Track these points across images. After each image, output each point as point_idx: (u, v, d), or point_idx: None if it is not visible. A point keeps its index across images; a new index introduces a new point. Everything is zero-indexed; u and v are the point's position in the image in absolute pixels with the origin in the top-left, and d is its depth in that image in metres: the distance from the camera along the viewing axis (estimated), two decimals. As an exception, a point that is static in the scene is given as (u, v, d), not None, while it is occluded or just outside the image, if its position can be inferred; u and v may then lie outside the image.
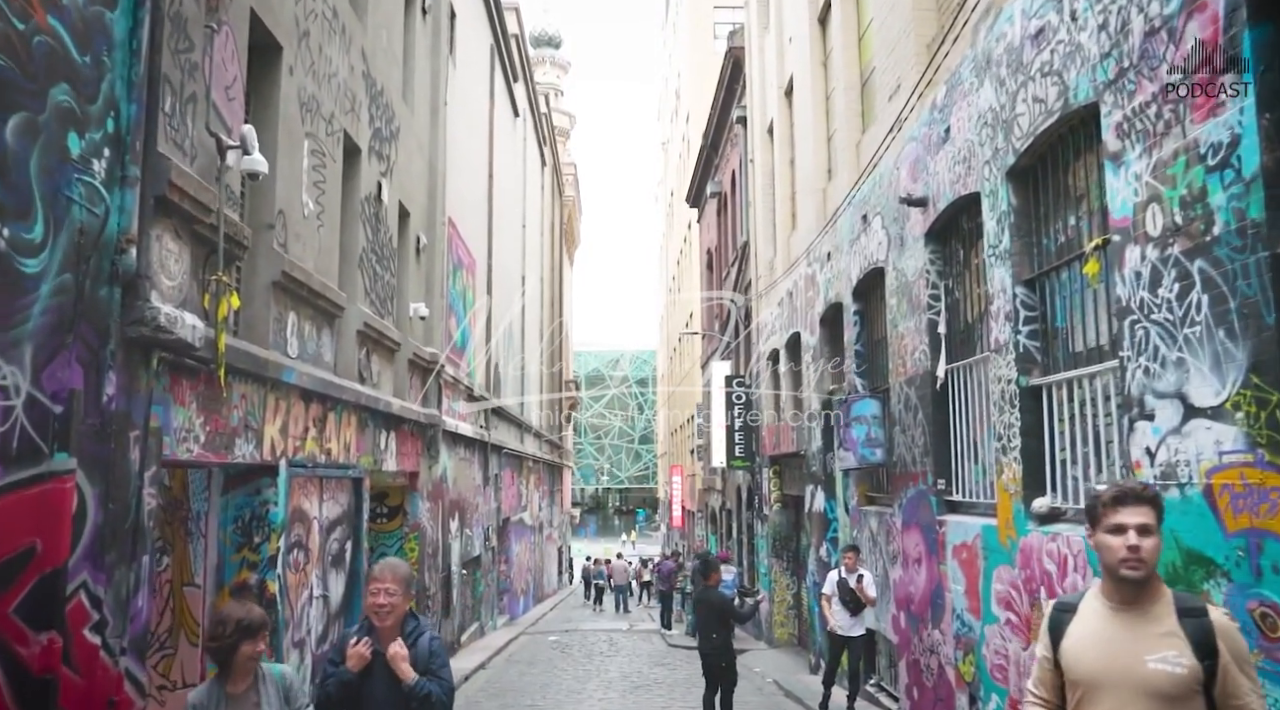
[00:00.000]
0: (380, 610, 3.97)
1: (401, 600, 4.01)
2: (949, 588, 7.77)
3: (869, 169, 10.31)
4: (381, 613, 3.97)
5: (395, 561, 4.17)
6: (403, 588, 4.02)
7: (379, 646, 3.97)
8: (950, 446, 8.13)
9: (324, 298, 8.46)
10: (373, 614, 4.00)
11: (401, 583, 4.02)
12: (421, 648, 4.01)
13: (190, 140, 5.73)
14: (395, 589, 3.98)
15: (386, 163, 11.09)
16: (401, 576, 4.04)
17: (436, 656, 4.03)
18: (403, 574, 4.07)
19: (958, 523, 7.66)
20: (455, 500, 15.76)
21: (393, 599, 3.97)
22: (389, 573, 4.02)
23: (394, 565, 4.10)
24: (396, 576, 4.02)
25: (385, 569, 4.05)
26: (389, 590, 3.97)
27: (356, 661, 3.92)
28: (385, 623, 3.97)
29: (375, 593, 3.98)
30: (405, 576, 4.07)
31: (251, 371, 6.80)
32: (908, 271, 8.90)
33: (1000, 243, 6.76)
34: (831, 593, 9.65)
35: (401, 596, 4.00)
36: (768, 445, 17.12)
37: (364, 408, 9.93)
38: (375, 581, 4.00)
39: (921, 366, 8.53)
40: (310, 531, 8.54)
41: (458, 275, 16.20)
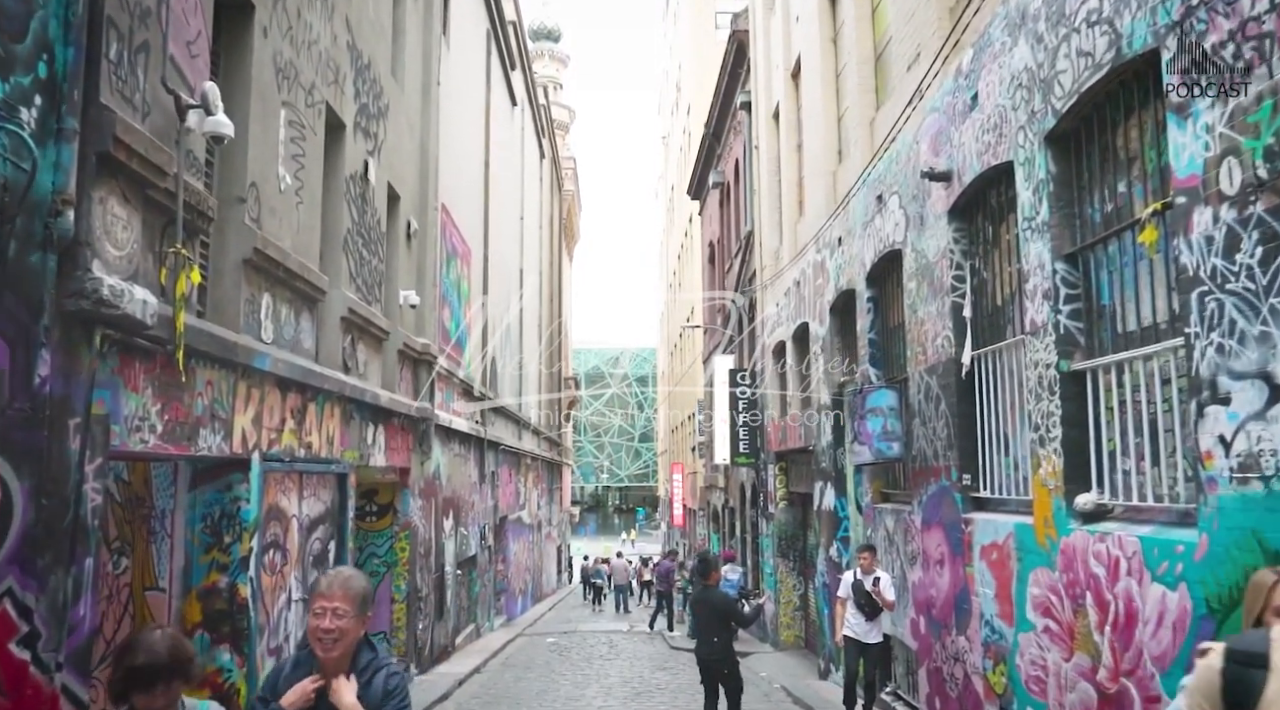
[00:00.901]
0: (325, 637, 3.06)
1: (354, 624, 3.09)
2: (976, 591, 7.19)
3: (884, 147, 9.73)
4: (327, 640, 3.06)
5: (348, 573, 3.26)
6: (356, 607, 3.09)
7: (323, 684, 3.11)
8: (977, 439, 7.55)
9: (303, 279, 7.87)
10: (316, 641, 3.08)
11: (354, 601, 3.09)
12: (376, 688, 3.09)
13: (142, 95, 5.14)
14: (346, 609, 3.07)
15: (374, 141, 10.50)
16: (355, 593, 3.11)
17: (394, 699, 3.11)
18: (357, 590, 3.13)
19: (986, 521, 7.08)
20: (449, 498, 15.18)
21: (341, 622, 3.06)
22: (339, 588, 3.10)
23: (346, 578, 3.18)
24: (349, 593, 3.10)
25: (334, 583, 3.12)
26: (337, 611, 3.06)
27: (298, 699, 3.06)
28: (331, 653, 3.07)
29: (320, 613, 3.06)
30: (359, 593, 3.13)
31: (218, 356, 6.22)
32: (928, 252, 8.32)
33: (1037, 215, 6.17)
34: (846, 596, 9.04)
35: (354, 619, 3.09)
36: (773, 441, 16.54)
37: (349, 399, 9.35)
38: (321, 598, 3.08)
39: (944, 353, 7.95)
40: (288, 531, 7.96)
41: (452, 264, 15.62)
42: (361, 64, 9.96)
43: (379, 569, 12.12)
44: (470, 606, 17.77)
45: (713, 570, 8.70)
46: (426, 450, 13.02)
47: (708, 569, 8.72)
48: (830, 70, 12.57)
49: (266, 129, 7.21)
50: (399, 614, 12.07)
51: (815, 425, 13.02)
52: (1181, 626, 4.51)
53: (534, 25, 57.87)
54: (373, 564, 12.12)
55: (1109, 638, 5.20)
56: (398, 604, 12.08)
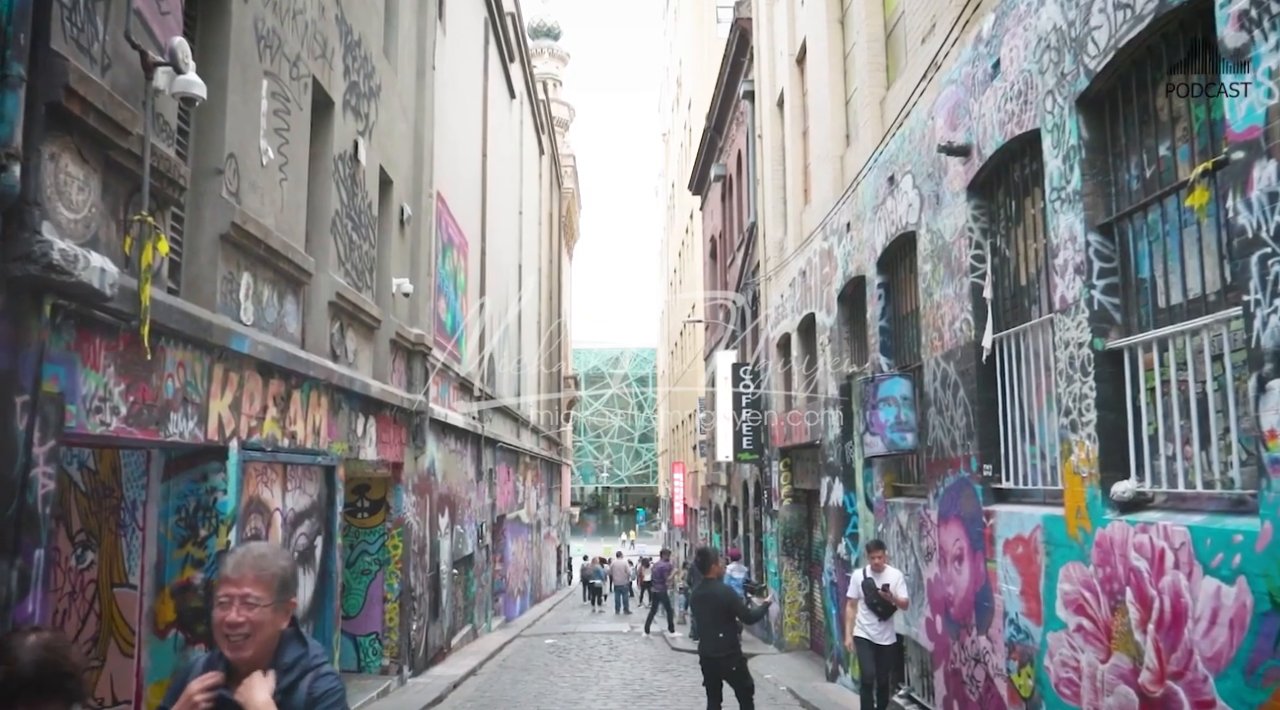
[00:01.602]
0: (233, 632, 2.39)
1: (271, 614, 2.42)
2: (999, 588, 6.77)
3: (896, 125, 9.32)
4: (235, 636, 2.39)
5: (260, 551, 2.53)
6: (272, 594, 2.42)
7: (228, 690, 2.40)
8: (999, 427, 7.13)
9: (287, 260, 7.46)
10: (222, 638, 2.42)
11: (269, 586, 2.43)
12: (300, 693, 2.43)
13: (101, 46, 4.73)
14: (259, 596, 2.40)
15: (365, 121, 10.09)
16: (270, 577, 2.44)
17: (323, 705, 2.44)
18: (272, 572, 2.45)
19: (1010, 513, 6.67)
20: (445, 495, 14.76)
21: (253, 613, 2.39)
22: (249, 571, 2.43)
23: (257, 558, 2.48)
24: (261, 576, 2.42)
25: (243, 564, 2.45)
26: (248, 598, 2.39)
27: (183, 706, 2.38)
28: (242, 652, 2.40)
29: (225, 603, 2.40)
30: (276, 576, 2.45)
31: (191, 335, 5.81)
32: (945, 232, 7.91)
33: (1067, 184, 5.76)
34: (856, 596, 8.59)
35: (270, 608, 2.42)
36: (778, 436, 16.12)
37: (337, 388, 8.94)
38: (227, 584, 2.42)
39: (963, 337, 7.54)
40: (271, 524, 7.55)
41: (448, 254, 15.21)
42: (351, 40, 9.55)
43: (371, 567, 11.71)
44: (467, 607, 17.35)
45: (713, 563, 8.23)
46: (420, 445, 12.60)
47: (707, 562, 8.26)
48: (837, 52, 12.17)
49: (247, 99, 6.80)
50: (391, 614, 11.66)
51: (822, 419, 12.60)
52: (1240, 624, 4.10)
53: (534, 23, 57.53)
54: (364, 562, 11.72)
55: (1153, 637, 4.79)
56: (390, 603, 11.67)
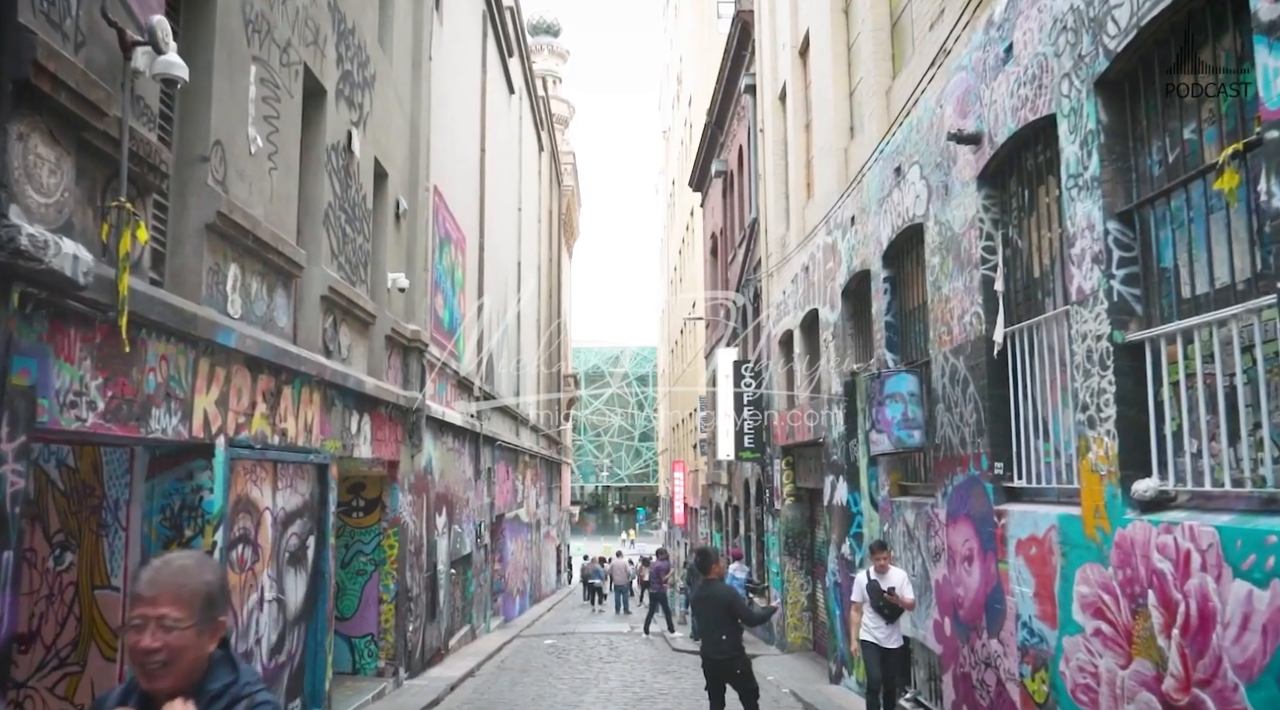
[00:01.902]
0: (149, 660, 2.00)
1: (191, 638, 2.03)
2: (1011, 590, 6.55)
3: (903, 115, 9.10)
4: (151, 664, 2.00)
5: (180, 563, 2.12)
6: (194, 613, 2.03)
7: None
8: (1011, 423, 6.91)
9: (276, 252, 7.24)
10: (136, 667, 2.04)
11: (190, 605, 2.03)
12: None
13: (75, 22, 4.51)
14: (178, 617, 2.01)
15: (359, 112, 9.87)
16: (191, 594, 2.05)
17: None
18: (194, 589, 2.06)
19: (1023, 513, 6.45)
20: (442, 494, 14.54)
21: (171, 636, 2.00)
22: (166, 588, 2.04)
23: (176, 573, 2.07)
24: (181, 594, 2.03)
25: (158, 581, 2.05)
26: (164, 620, 2.01)
27: None
28: (159, 683, 2.02)
29: (139, 626, 2.01)
30: (199, 593, 2.06)
31: (175, 328, 5.59)
32: (954, 223, 7.69)
33: (1085, 170, 5.54)
34: (861, 600, 8.36)
35: (193, 631, 2.03)
36: (780, 435, 15.91)
37: (330, 384, 8.72)
38: (140, 604, 2.03)
39: (973, 331, 7.32)
40: (260, 524, 7.33)
41: (445, 250, 14.98)
42: (345, 28, 9.33)
43: (366, 567, 11.50)
44: (465, 607, 17.13)
45: (713, 563, 7.99)
46: (417, 443, 12.39)
47: (708, 563, 8.02)
48: (841, 42, 11.94)
49: (234, 85, 6.58)
50: (387, 615, 11.44)
51: (825, 416, 12.39)
52: (1274, 630, 3.88)
53: (533, 19, 57.30)
54: (360, 562, 11.50)
55: (1178, 642, 4.57)
56: (386, 604, 11.45)
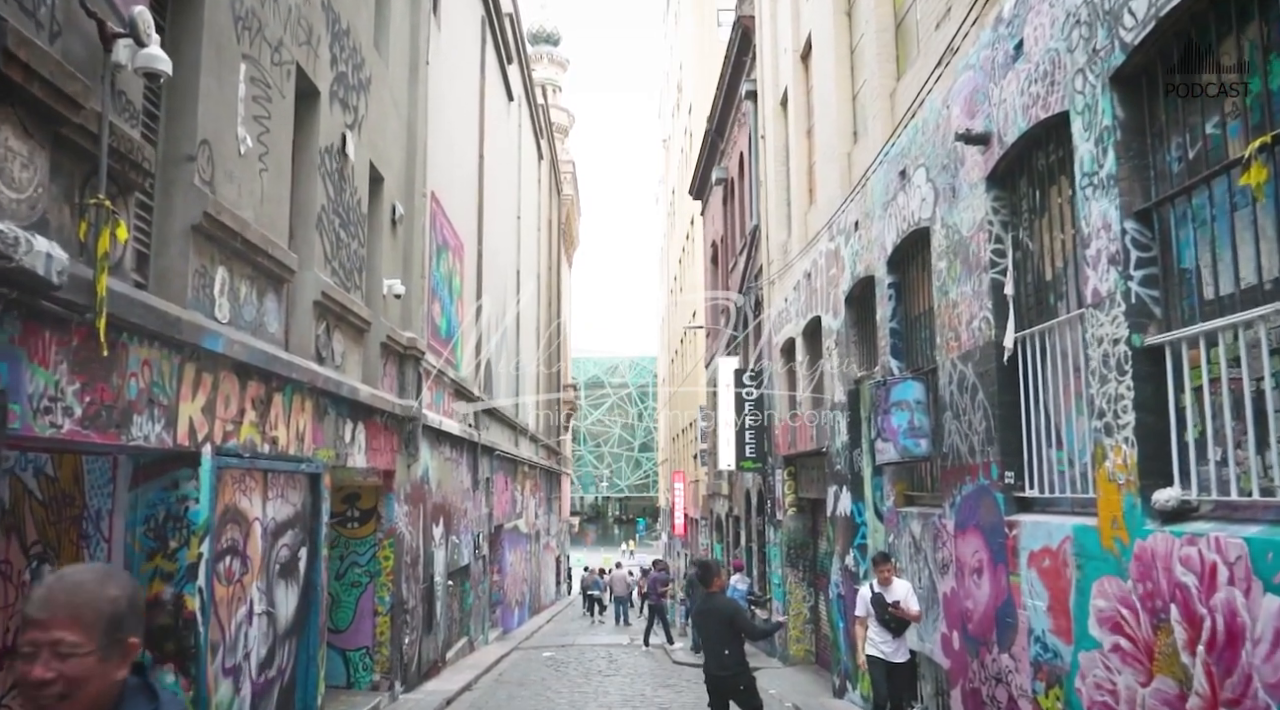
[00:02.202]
0: (43, 693, 1.71)
1: (94, 665, 1.73)
2: (1024, 604, 6.34)
3: (908, 117, 8.93)
4: (45, 698, 1.71)
5: (77, 578, 1.79)
6: (97, 637, 1.73)
7: None
8: (1022, 432, 6.71)
9: (267, 255, 7.06)
10: (29, 702, 1.73)
11: (92, 627, 1.73)
12: None
13: (50, 11, 4.33)
14: (76, 642, 1.72)
15: (354, 114, 9.70)
16: (93, 614, 1.74)
17: None
18: (94, 609, 1.75)
19: (1036, 524, 6.24)
20: (440, 504, 14.33)
21: (67, 665, 1.71)
22: (61, 609, 1.73)
23: (72, 590, 1.76)
24: (80, 615, 1.73)
25: (52, 601, 1.74)
26: (60, 646, 1.71)
27: None
28: None
29: (29, 654, 1.71)
30: (102, 613, 1.75)
31: (158, 332, 5.40)
32: (962, 226, 7.51)
33: (1100, 169, 5.36)
34: (865, 613, 8.13)
35: (95, 657, 1.73)
36: (781, 444, 15.70)
37: (323, 392, 8.52)
38: (31, 628, 1.73)
39: (981, 337, 7.13)
40: (250, 535, 7.12)
41: (443, 257, 14.81)
42: (339, 29, 9.17)
43: (361, 578, 11.27)
44: (463, 619, 16.89)
45: (714, 576, 7.73)
46: (413, 452, 12.18)
47: (709, 575, 7.76)
48: (844, 45, 11.79)
49: (222, 83, 6.41)
50: (382, 627, 11.21)
51: (829, 425, 12.18)
52: (1310, 647, 3.68)
53: (533, 28, 57.31)
54: (355, 573, 11.28)
55: (1203, 659, 4.36)
56: (381, 617, 11.23)
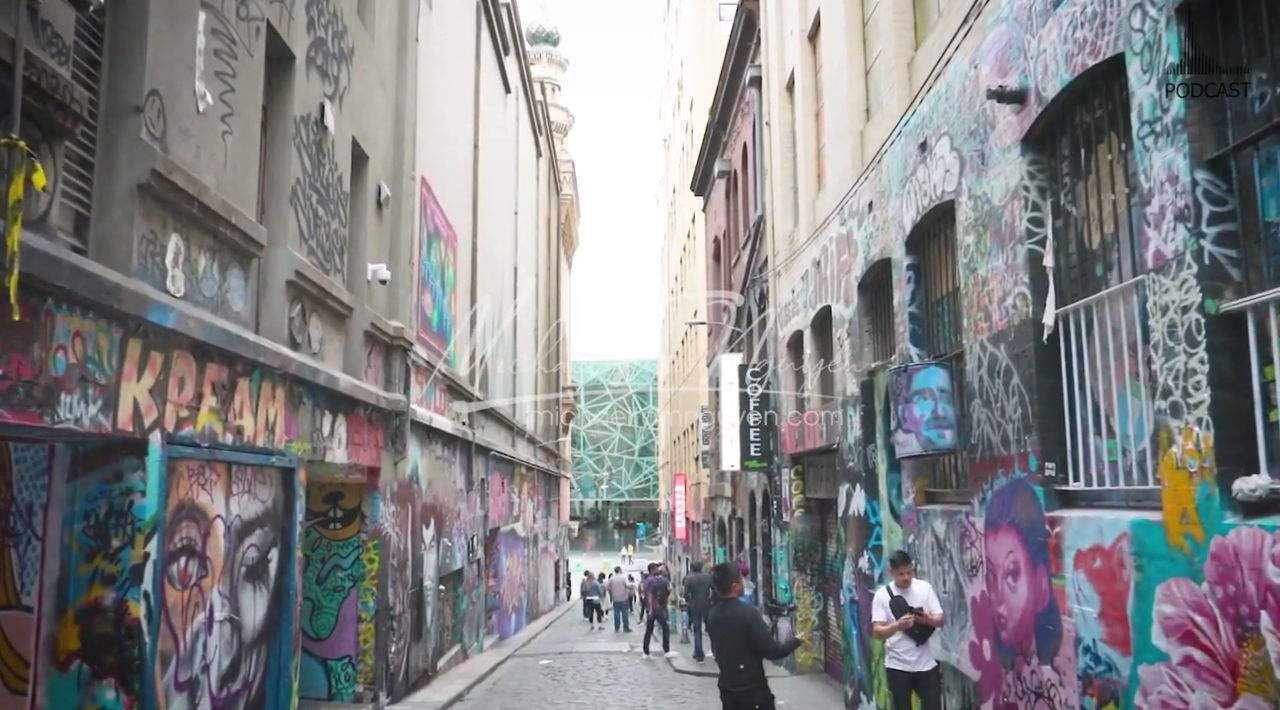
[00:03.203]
0: None
1: None
2: (1069, 609, 5.68)
3: (928, 86, 8.29)
4: None
5: None
6: None
7: None
8: (1064, 418, 6.05)
9: (230, 225, 6.41)
10: None
11: None
12: None
13: (-54, -90, 3.69)
14: None
15: (334, 85, 9.06)
16: None
17: None
18: None
19: (1083, 520, 5.58)
20: (430, 505, 13.66)
21: None
22: None
23: None
24: None
25: None
26: None
27: None
28: None
29: None
30: None
31: (92, 300, 4.75)
32: (993, 195, 6.85)
33: (1165, 113, 4.70)
34: (885, 619, 7.45)
35: None
36: (788, 442, 15.03)
37: (297, 379, 7.87)
38: None
39: (1017, 315, 6.47)
40: (210, 534, 6.46)
41: (434, 246, 14.16)
42: (317, -9, 8.54)
43: (344, 583, 10.60)
44: (456, 625, 16.21)
45: (733, 581, 6.96)
46: (401, 449, 11.51)
47: (728, 580, 7.00)
48: (856, 19, 11.15)
49: (177, 30, 5.76)
50: (366, 635, 10.54)
51: (840, 420, 11.52)
52: None
53: (532, 28, 56.75)
54: (337, 577, 10.62)
55: (1304, 675, 3.71)
56: (365, 623, 10.55)
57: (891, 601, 7.46)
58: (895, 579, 7.54)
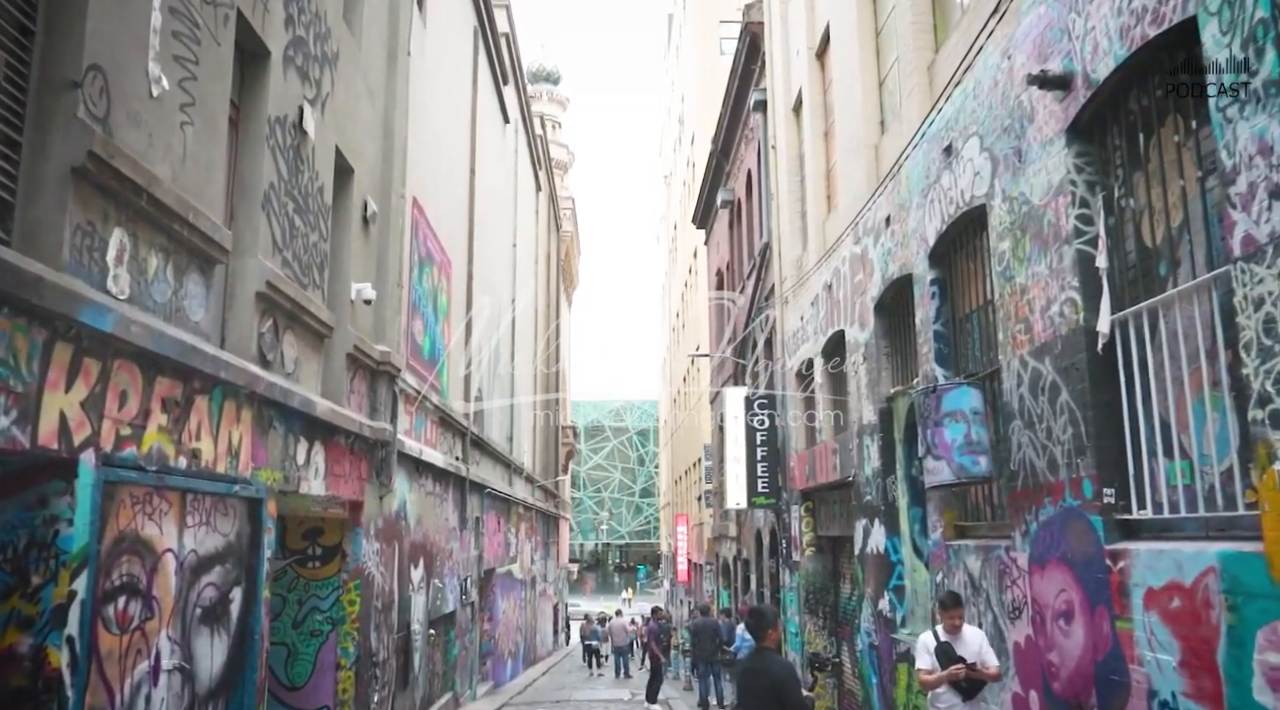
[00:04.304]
0: None
1: None
2: (1138, 657, 4.92)
3: (953, 83, 7.71)
4: None
5: None
6: None
7: None
8: (1124, 437, 5.34)
9: (188, 225, 5.75)
10: None
11: None
12: None
13: None
14: None
15: (315, 88, 8.48)
16: None
17: None
18: None
19: (1155, 553, 4.85)
20: (419, 543, 12.87)
21: None
22: None
23: None
24: None
25: None
26: None
27: None
28: None
29: None
30: None
31: (7, 293, 4.07)
32: (1033, 194, 6.21)
33: (1254, 77, 4.07)
34: (931, 667, 6.54)
35: None
36: (797, 477, 14.27)
37: (267, 401, 7.17)
38: None
39: (1064, 324, 5.79)
40: (158, 571, 5.71)
41: (427, 271, 13.53)
42: (298, -13, 7.99)
43: (322, 627, 9.78)
44: (446, 672, 15.31)
45: (769, 627, 5.93)
46: (387, 482, 10.77)
47: (763, 624, 5.94)
48: (869, 29, 10.64)
49: (123, 1, 5.16)
50: (345, 684, 9.70)
51: (855, 451, 10.79)
52: None
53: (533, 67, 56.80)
54: (315, 620, 9.80)
55: None
56: (344, 671, 9.71)
57: (938, 647, 6.57)
58: (945, 623, 6.65)
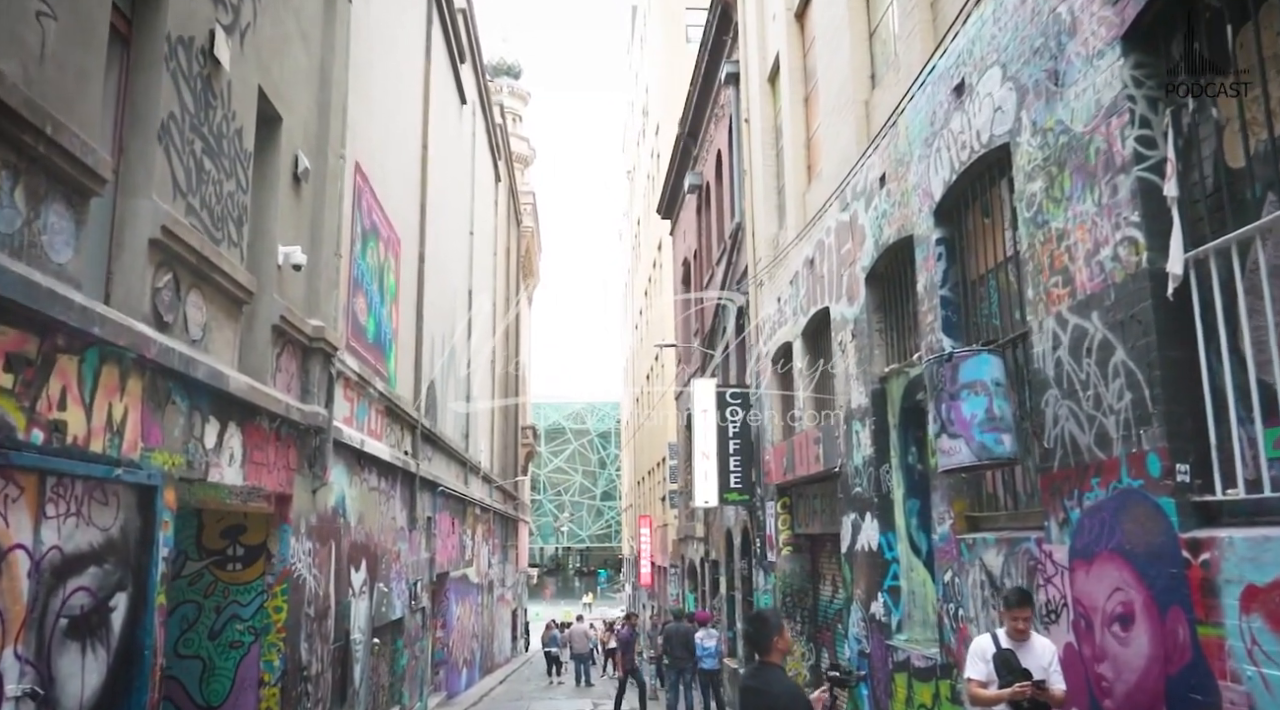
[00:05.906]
0: None
1: None
2: (1234, 671, 3.96)
3: (963, 15, 6.76)
4: None
5: None
6: None
7: None
8: (1202, 402, 4.38)
9: (44, 137, 4.59)
10: None
11: None
12: None
13: None
14: None
15: (233, 15, 7.32)
16: None
17: None
18: None
19: (1254, 542, 3.89)
20: (361, 544, 11.67)
21: None
22: None
23: None
24: None
25: None
26: None
27: None
28: None
29: None
30: None
31: None
32: (1075, 120, 5.26)
33: None
34: (985, 678, 5.33)
35: None
36: (773, 472, 13.28)
37: (164, 370, 5.99)
38: None
39: (1119, 270, 4.84)
40: (2, 573, 4.53)
41: (371, 244, 12.35)
42: (209, -109, 6.83)
43: (243, 637, 8.56)
44: (393, 684, 14.09)
45: (773, 636, 4.84)
46: (321, 473, 9.57)
47: (767, 636, 4.85)
48: (858, -25, 9.70)
49: None
50: (270, 701, 8.49)
51: (844, 438, 9.82)
52: None
53: (494, 60, 55.45)
54: (234, 631, 8.57)
55: None
56: (268, 687, 8.50)
57: (996, 655, 5.33)
58: (1008, 625, 5.43)
